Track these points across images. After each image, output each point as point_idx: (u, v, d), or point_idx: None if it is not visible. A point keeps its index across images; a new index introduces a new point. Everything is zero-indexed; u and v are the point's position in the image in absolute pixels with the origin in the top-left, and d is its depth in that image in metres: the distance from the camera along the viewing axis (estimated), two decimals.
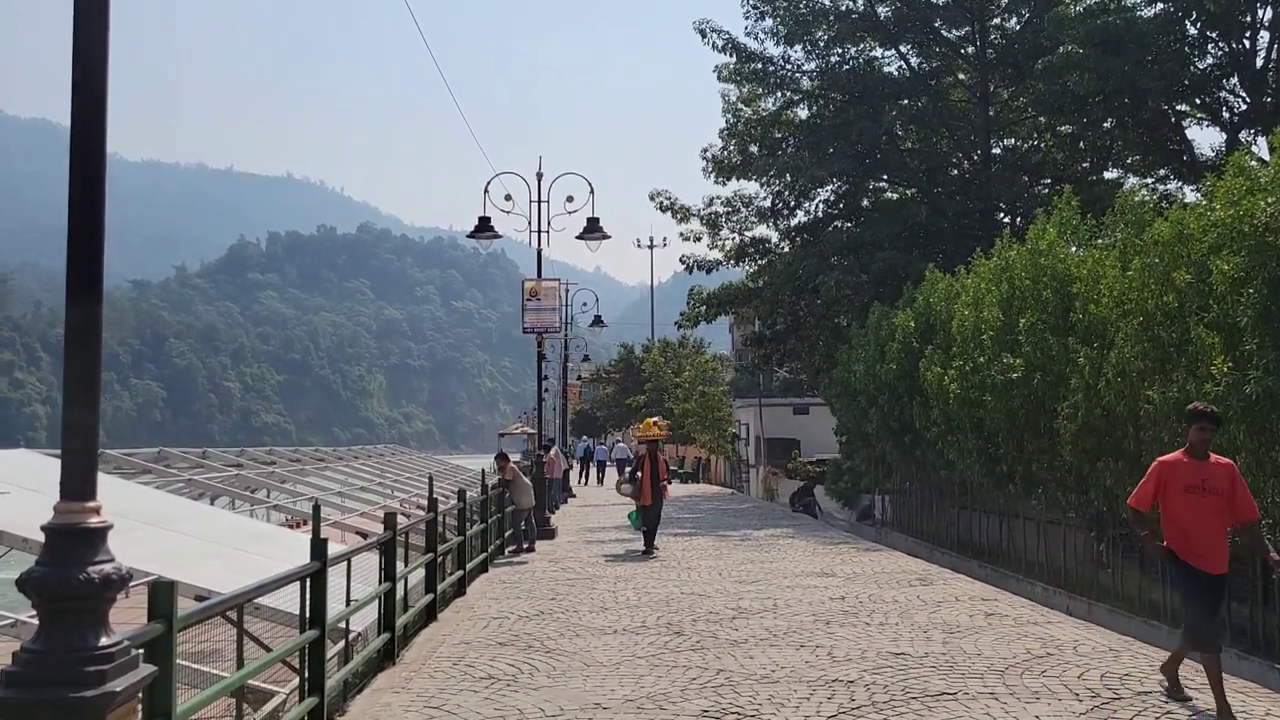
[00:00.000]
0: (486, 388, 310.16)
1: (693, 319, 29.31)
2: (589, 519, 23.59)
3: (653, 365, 54.23)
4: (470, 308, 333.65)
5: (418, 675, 7.83)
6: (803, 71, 27.36)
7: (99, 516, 2.82)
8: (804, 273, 25.47)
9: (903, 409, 17.77)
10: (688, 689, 7.22)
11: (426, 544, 10.50)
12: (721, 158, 27.75)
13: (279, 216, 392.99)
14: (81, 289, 2.90)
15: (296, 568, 6.04)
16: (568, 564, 14.99)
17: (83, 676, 2.64)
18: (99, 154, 2.98)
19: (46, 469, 14.04)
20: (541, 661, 8.20)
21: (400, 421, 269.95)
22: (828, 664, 7.90)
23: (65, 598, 2.69)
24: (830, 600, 11.03)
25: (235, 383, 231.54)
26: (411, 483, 30.63)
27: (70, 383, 2.84)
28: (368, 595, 7.86)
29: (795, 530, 20.03)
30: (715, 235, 28.66)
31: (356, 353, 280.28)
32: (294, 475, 26.44)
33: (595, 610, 10.70)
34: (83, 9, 2.99)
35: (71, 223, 2.95)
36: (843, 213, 27.89)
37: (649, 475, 16.19)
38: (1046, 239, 13.61)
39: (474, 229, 19.87)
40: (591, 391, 72.29)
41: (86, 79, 2.97)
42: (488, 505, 14.90)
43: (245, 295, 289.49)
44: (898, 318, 18.69)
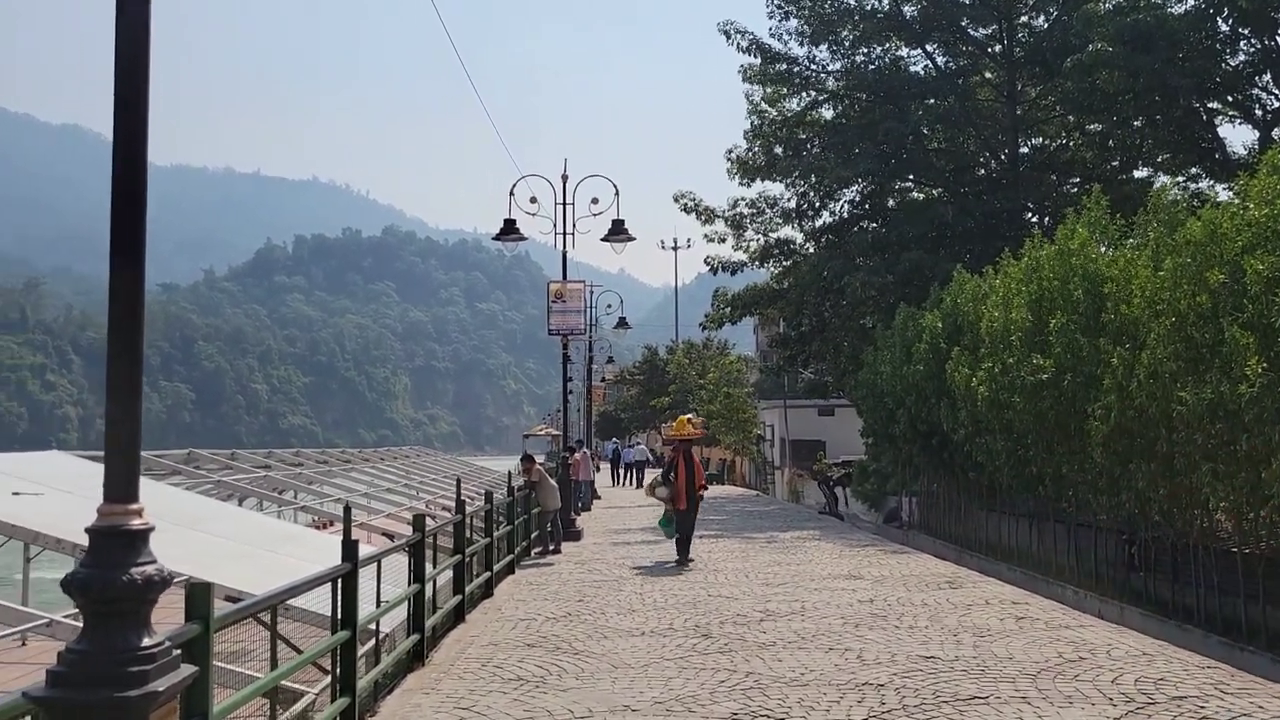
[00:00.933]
0: (511, 389, 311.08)
1: (717, 320, 29.27)
2: (615, 521, 23.59)
3: (677, 367, 54.23)
4: (495, 310, 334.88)
5: (447, 676, 7.86)
6: (828, 71, 27.29)
7: (141, 519, 2.86)
8: (829, 274, 25.38)
9: (930, 410, 17.66)
10: (716, 691, 7.20)
11: (454, 545, 10.53)
12: (746, 159, 27.69)
13: (305, 220, 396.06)
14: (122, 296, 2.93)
15: (328, 569, 6.07)
16: (594, 566, 14.99)
17: (126, 677, 2.67)
18: (140, 160, 3.01)
19: (78, 470, 14.21)
20: (569, 663, 8.21)
21: (425, 423, 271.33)
22: (857, 667, 7.86)
23: (109, 599, 2.73)
24: (859, 603, 10.97)
25: (262, 385, 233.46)
26: (437, 484, 30.75)
27: (112, 389, 2.87)
28: (397, 597, 7.89)
29: (822, 532, 19.96)
30: (740, 236, 28.61)
31: (382, 355, 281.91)
32: (321, 476, 26.62)
33: (622, 612, 10.70)
34: (125, 22, 3.02)
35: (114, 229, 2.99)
36: (868, 213, 27.75)
37: (684, 478, 15.08)
38: (1077, 239, 13.50)
39: (499, 232, 19.94)
40: (616, 393, 72.38)
41: (128, 87, 3.00)
42: (514, 507, 14.94)
43: (272, 298, 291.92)
44: (925, 319, 18.59)
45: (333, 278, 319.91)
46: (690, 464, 15.29)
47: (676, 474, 15.13)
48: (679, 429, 16.30)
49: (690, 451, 15.70)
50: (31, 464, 13.15)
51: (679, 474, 15.08)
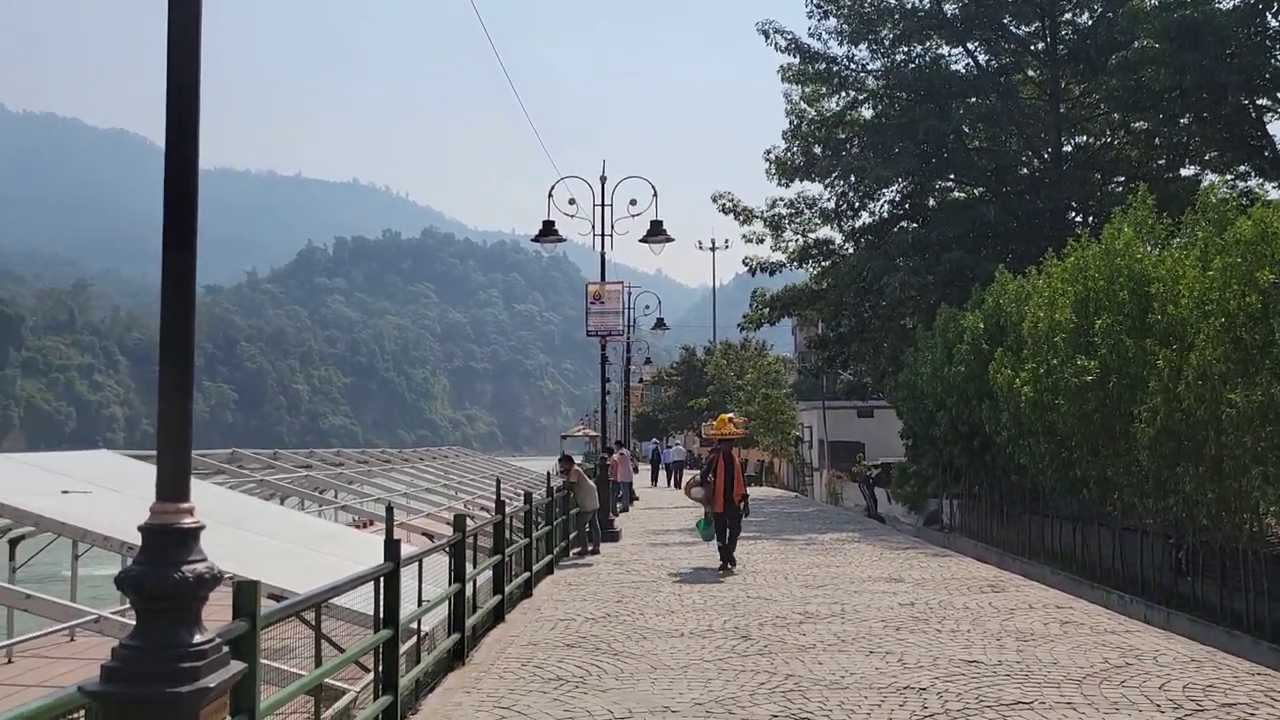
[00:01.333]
0: (548, 390, 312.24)
1: (755, 321, 29.17)
2: (653, 522, 23.59)
3: (715, 368, 54.15)
4: (532, 311, 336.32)
5: (487, 676, 7.89)
6: (867, 71, 27.10)
7: (192, 517, 2.90)
8: (869, 274, 25.20)
9: (971, 412, 17.49)
10: (756, 693, 7.18)
11: (494, 546, 10.58)
12: (785, 159, 27.58)
13: (345, 222, 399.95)
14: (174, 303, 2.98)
15: (371, 568, 6.13)
16: (632, 566, 15.00)
17: (178, 673, 2.72)
18: (192, 162, 3.05)
19: (126, 469, 14.43)
20: (609, 663, 8.21)
21: (464, 423, 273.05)
22: (898, 671, 7.80)
23: (161, 596, 2.77)
24: (899, 606, 10.88)
25: (304, 385, 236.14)
26: (475, 484, 30.91)
27: (164, 392, 2.92)
28: (438, 596, 7.94)
29: (861, 534, 19.84)
30: (778, 237, 28.48)
31: (421, 355, 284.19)
32: (361, 476, 26.85)
33: (661, 613, 10.70)
34: (176, 31, 3.06)
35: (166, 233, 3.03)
36: (908, 213, 27.54)
37: (723, 479, 14.37)
38: (1123, 238, 13.31)
39: (538, 233, 20.01)
40: (653, 394, 72.39)
41: (179, 92, 3.04)
42: (553, 507, 14.98)
43: (313, 299, 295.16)
44: (966, 319, 18.42)
45: (372, 279, 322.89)
46: (730, 465, 14.59)
47: (715, 475, 14.46)
48: (719, 428, 15.54)
49: (731, 452, 14.93)
50: (80, 463, 13.37)
51: (718, 475, 14.41)
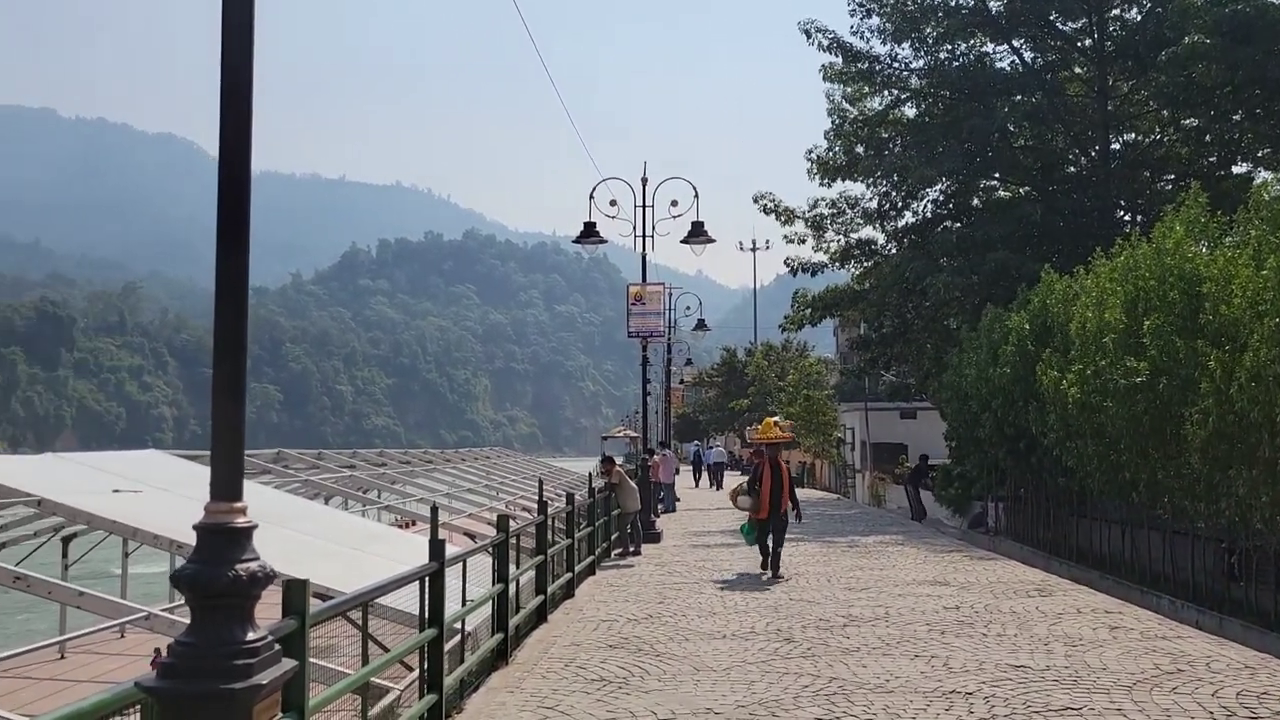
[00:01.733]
0: (589, 391, 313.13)
1: (797, 322, 29.00)
2: (694, 523, 23.56)
3: (756, 369, 54.01)
4: (573, 312, 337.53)
5: (530, 675, 7.92)
6: (910, 69, 26.84)
7: (245, 517, 2.95)
8: (912, 274, 24.97)
9: (1017, 414, 17.28)
10: (800, 696, 7.14)
11: (537, 546, 10.62)
12: (826, 159, 27.40)
13: (388, 224, 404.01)
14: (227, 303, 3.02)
15: (416, 568, 6.17)
16: (674, 568, 14.99)
17: (232, 669, 2.76)
18: (244, 166, 3.09)
19: (175, 469, 14.68)
20: (652, 665, 8.21)
21: (505, 424, 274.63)
22: (944, 675, 7.72)
23: (215, 594, 2.82)
24: (944, 609, 10.78)
25: (347, 386, 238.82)
26: (517, 485, 31.09)
27: (217, 396, 2.96)
28: (482, 596, 7.99)
29: (905, 537, 19.68)
30: (820, 237, 28.30)
31: (463, 356, 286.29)
32: (404, 476, 27.11)
33: (703, 615, 10.68)
34: (231, 38, 3.11)
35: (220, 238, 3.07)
36: (952, 213, 27.24)
37: (769, 486, 13.79)
38: (1173, 237, 13.07)
39: (579, 234, 20.07)
40: (694, 395, 72.32)
41: (233, 95, 3.08)
42: (595, 508, 15.01)
43: (356, 301, 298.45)
44: (1012, 320, 18.19)
45: (415, 281, 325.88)
46: (777, 471, 13.99)
47: (761, 483, 13.87)
48: (765, 432, 14.83)
49: (778, 457, 14.34)
50: (130, 463, 13.63)
51: (764, 482, 13.82)
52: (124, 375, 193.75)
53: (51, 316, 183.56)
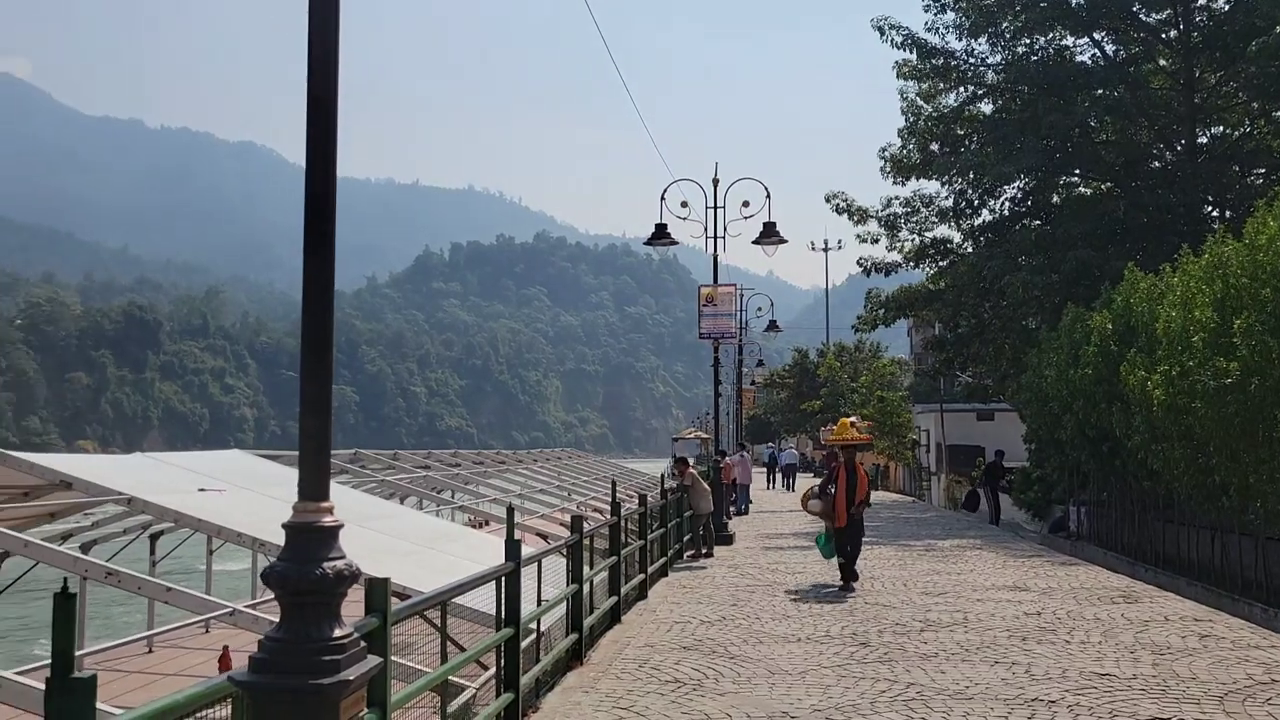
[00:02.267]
0: (659, 392, 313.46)
1: (870, 322, 28.66)
2: (767, 525, 23.43)
3: (828, 370, 53.50)
4: (643, 313, 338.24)
5: (604, 676, 7.94)
6: (987, 65, 26.34)
7: (332, 516, 3.00)
8: (989, 274, 24.50)
9: (1100, 416, 16.84)
10: (877, 701, 7.05)
11: (610, 547, 10.64)
12: (900, 157, 27.04)
13: (461, 227, 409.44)
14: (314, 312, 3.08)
15: (493, 568, 6.23)
16: (747, 570, 14.91)
17: (320, 665, 2.81)
18: (330, 176, 3.15)
19: (256, 469, 15.04)
20: (726, 667, 8.17)
21: (576, 425, 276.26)
22: (1026, 682, 7.55)
23: (304, 591, 2.87)
24: (1025, 615, 10.55)
25: (421, 388, 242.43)
26: (588, 486, 31.24)
27: (306, 401, 3.03)
28: (557, 596, 8.03)
29: (983, 541, 19.32)
30: (894, 236, 27.92)
31: (534, 358, 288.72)
32: (477, 477, 27.42)
33: (777, 618, 10.60)
34: (317, 47, 3.18)
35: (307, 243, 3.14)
36: (1031, 210, 26.65)
37: (844, 490, 13.08)
38: (1266, 233, 12.61)
39: (651, 236, 20.09)
40: (765, 397, 71.94)
41: (320, 105, 3.14)
42: (667, 510, 15.00)
43: (430, 303, 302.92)
44: (1094, 319, 17.74)
45: (487, 283, 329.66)
46: (852, 475, 13.24)
47: (836, 486, 13.18)
48: (840, 433, 14.20)
49: (854, 460, 13.59)
50: (214, 462, 13.99)
51: (839, 486, 13.13)
52: (207, 377, 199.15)
53: (139, 320, 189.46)
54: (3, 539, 8.54)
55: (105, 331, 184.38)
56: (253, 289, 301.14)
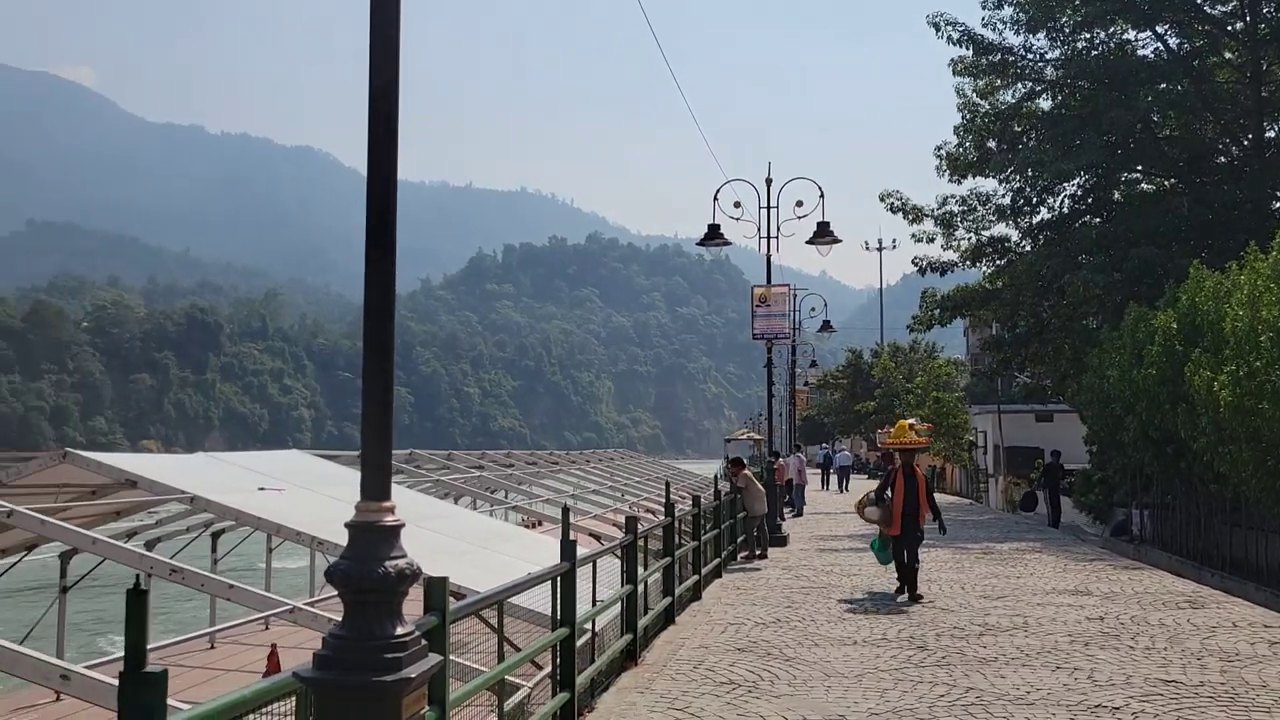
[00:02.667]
0: (711, 393, 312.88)
1: (925, 322, 28.29)
2: (821, 527, 23.27)
3: (882, 370, 52.97)
4: (695, 314, 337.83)
5: (659, 677, 7.94)
6: (1046, 60, 25.88)
7: (393, 516, 3.03)
8: (1048, 272, 24.07)
9: (1164, 417, 16.47)
10: (935, 706, 6.96)
11: (664, 548, 10.63)
12: (956, 154, 26.64)
13: (513, 229, 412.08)
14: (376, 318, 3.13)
15: (549, 568, 6.25)
16: (801, 572, 14.82)
17: (383, 662, 2.85)
18: (391, 181, 3.19)
19: (315, 469, 15.26)
20: (781, 669, 8.13)
21: (628, 426, 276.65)
22: (1088, 688, 7.41)
23: (366, 589, 2.91)
24: (1087, 620, 10.35)
25: (474, 388, 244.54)
26: (640, 487, 31.26)
27: (368, 403, 3.08)
28: (612, 596, 8.03)
29: (1042, 544, 19.01)
30: (950, 235, 27.52)
31: (586, 359, 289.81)
32: (530, 477, 27.58)
33: (832, 620, 10.52)
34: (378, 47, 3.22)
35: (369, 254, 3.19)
36: (1091, 208, 26.13)
37: (902, 496, 12.35)
38: None
39: (704, 237, 20.02)
40: (819, 397, 71.45)
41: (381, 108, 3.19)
42: (720, 511, 14.95)
43: (483, 305, 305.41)
44: (1158, 319, 17.36)
45: (539, 285, 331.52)
46: (912, 480, 12.47)
47: (894, 491, 12.46)
48: (898, 436, 13.26)
49: (913, 464, 12.80)
50: (273, 462, 14.22)
51: (896, 492, 12.40)
52: (266, 378, 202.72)
53: (200, 322, 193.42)
54: (73, 536, 8.75)
55: (168, 334, 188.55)
56: (310, 291, 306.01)
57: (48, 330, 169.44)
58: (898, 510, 12.34)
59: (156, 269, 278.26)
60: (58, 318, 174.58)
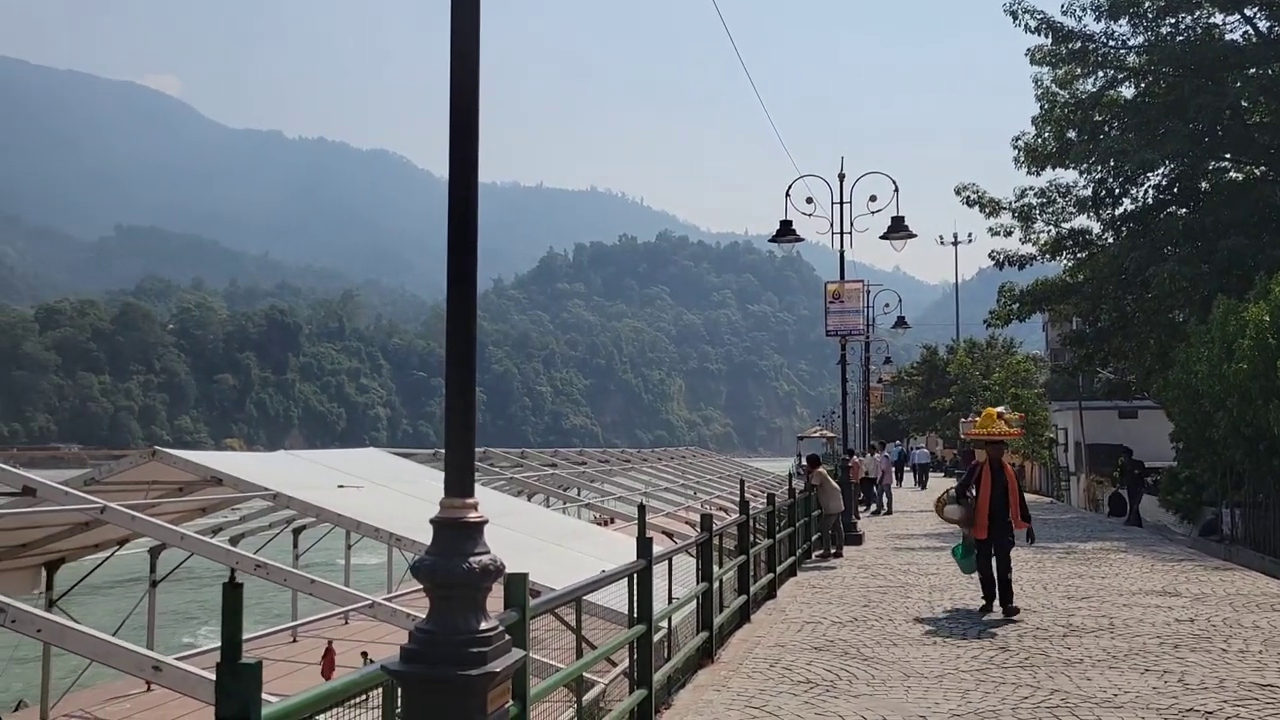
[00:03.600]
0: (783, 391, 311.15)
1: (1003, 317, 27.69)
2: (897, 525, 22.96)
3: (958, 367, 52.05)
4: (766, 311, 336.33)
5: (735, 675, 7.90)
6: (1128, 47, 25.14)
7: (476, 513, 3.06)
8: (1132, 265, 23.40)
9: (1256, 413, 15.91)
10: (1019, 708, 6.81)
11: (739, 546, 10.59)
12: (1035, 146, 26.01)
13: (584, 228, 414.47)
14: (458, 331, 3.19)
15: (626, 565, 6.26)
16: (877, 571, 14.63)
17: (468, 657, 2.88)
18: (472, 187, 3.24)
19: (391, 466, 15.50)
20: (860, 669, 8.03)
21: (699, 424, 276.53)
22: (1179, 691, 7.18)
23: (451, 584, 2.95)
24: (1177, 622, 10.04)
25: (546, 387, 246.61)
26: (713, 485, 31.18)
27: (451, 404, 3.14)
28: (688, 594, 8.02)
29: (1127, 544, 18.50)
30: (1028, 229, 26.89)
31: (657, 357, 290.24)
32: (602, 475, 27.70)
33: (911, 620, 10.37)
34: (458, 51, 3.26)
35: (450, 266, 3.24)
36: (1177, 198, 25.32)
37: (989, 494, 10.91)
38: None
39: (776, 233, 19.90)
40: (893, 394, 70.54)
41: (461, 112, 3.23)
42: (795, 509, 14.84)
43: (554, 304, 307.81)
44: (1249, 311, 16.77)
45: (610, 283, 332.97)
46: (1000, 476, 11.01)
47: (979, 488, 10.99)
48: (985, 425, 11.69)
49: (1001, 459, 11.26)
50: (352, 460, 14.48)
51: (982, 490, 10.94)
52: (343, 378, 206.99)
53: (280, 324, 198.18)
54: (163, 532, 9.01)
55: (249, 335, 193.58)
56: (385, 292, 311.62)
57: (136, 332, 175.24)
58: (984, 510, 10.85)
59: (237, 272, 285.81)
60: (145, 320, 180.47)
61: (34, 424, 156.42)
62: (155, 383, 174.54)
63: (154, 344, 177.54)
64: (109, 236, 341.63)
